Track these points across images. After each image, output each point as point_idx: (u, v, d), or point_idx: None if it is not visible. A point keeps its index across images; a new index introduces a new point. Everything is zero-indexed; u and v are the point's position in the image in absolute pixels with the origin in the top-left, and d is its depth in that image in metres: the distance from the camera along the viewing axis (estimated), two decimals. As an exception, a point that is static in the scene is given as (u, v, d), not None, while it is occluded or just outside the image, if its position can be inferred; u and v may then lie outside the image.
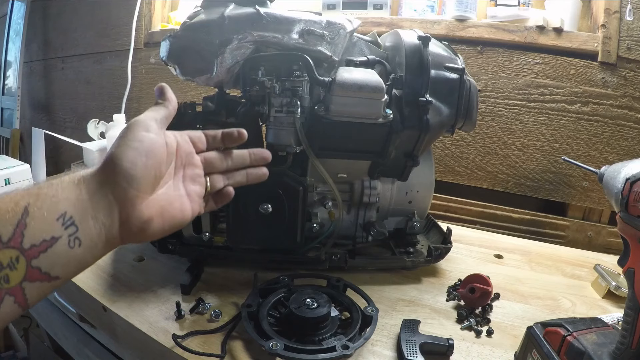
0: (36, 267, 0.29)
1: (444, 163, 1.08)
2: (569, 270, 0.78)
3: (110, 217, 0.35)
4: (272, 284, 0.62)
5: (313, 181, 0.68)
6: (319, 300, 0.55)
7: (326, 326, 0.54)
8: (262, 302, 0.58)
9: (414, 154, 0.67)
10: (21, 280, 0.29)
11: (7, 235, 0.28)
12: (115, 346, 0.69)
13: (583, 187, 0.98)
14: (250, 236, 0.66)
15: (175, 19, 1.41)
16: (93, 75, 1.67)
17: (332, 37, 0.63)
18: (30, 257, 0.29)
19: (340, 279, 0.63)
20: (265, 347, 0.49)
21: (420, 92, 0.63)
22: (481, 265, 0.78)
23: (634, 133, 0.93)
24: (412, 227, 0.73)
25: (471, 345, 0.56)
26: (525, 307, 0.65)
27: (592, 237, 0.98)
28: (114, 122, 1.16)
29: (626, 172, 0.41)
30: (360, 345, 0.51)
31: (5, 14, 1.89)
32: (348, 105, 0.60)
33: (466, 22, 1.02)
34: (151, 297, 0.63)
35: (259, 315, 0.55)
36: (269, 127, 0.63)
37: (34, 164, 1.05)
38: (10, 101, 1.88)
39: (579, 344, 0.44)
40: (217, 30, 0.60)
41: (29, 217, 0.29)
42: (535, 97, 0.99)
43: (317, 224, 0.68)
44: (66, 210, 0.31)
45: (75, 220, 0.32)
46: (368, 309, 0.55)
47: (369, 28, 0.98)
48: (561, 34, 0.95)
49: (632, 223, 0.40)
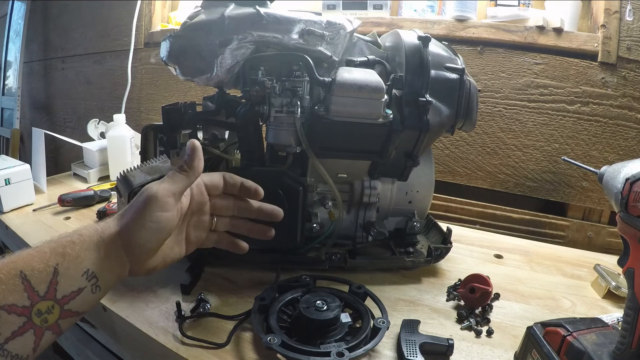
0: (68, 309, 0.38)
1: (444, 163, 1.08)
2: (569, 270, 0.78)
3: (123, 269, 0.43)
4: (292, 282, 0.63)
5: (313, 181, 0.68)
6: (330, 304, 0.55)
7: (333, 330, 0.54)
8: (277, 298, 0.59)
9: (414, 154, 0.67)
10: (57, 319, 0.38)
11: (43, 291, 0.36)
12: (115, 346, 0.69)
13: (583, 187, 0.98)
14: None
15: (175, 19, 1.41)
16: (93, 75, 1.67)
17: (332, 37, 0.63)
18: (62, 303, 0.38)
19: (361, 286, 0.62)
20: (263, 340, 0.49)
21: (420, 92, 0.63)
22: (481, 265, 0.78)
23: (634, 133, 0.93)
24: (412, 227, 0.73)
25: (471, 345, 0.56)
26: (525, 307, 0.65)
27: (592, 237, 0.98)
28: (114, 122, 1.16)
29: (626, 172, 0.41)
30: (358, 355, 0.50)
31: (5, 14, 1.89)
32: (348, 105, 0.60)
33: (466, 22, 1.02)
34: (151, 297, 0.63)
35: (269, 310, 0.56)
36: (269, 127, 0.63)
37: (34, 164, 1.05)
38: (10, 101, 1.88)
39: (579, 344, 0.44)
40: (217, 30, 0.60)
41: (60, 276, 0.37)
42: (535, 97, 0.99)
43: (317, 224, 0.68)
44: (89, 267, 0.40)
45: (96, 273, 0.40)
46: (379, 321, 0.54)
47: (369, 28, 0.99)
48: (561, 34, 0.95)
49: (632, 223, 0.40)
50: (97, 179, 1.17)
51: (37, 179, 1.03)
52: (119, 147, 1.12)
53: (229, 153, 0.74)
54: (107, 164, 1.16)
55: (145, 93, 1.49)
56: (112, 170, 1.14)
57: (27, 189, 0.94)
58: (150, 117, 1.49)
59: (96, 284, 0.40)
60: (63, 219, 0.91)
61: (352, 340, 0.52)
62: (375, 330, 0.53)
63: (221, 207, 0.51)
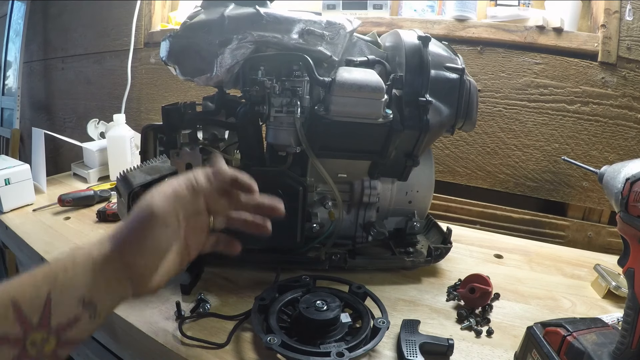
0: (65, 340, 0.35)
1: (444, 163, 1.08)
2: (569, 270, 0.78)
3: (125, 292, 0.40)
4: (292, 282, 0.63)
5: (313, 181, 0.68)
6: (330, 304, 0.55)
7: (333, 331, 0.54)
8: (277, 298, 0.59)
9: (414, 154, 0.67)
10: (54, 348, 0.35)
11: (36, 320, 0.34)
12: (115, 346, 0.69)
13: (583, 187, 0.98)
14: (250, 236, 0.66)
15: (175, 19, 1.41)
16: (93, 75, 1.67)
17: (332, 37, 0.63)
18: (58, 332, 0.35)
19: (361, 286, 0.62)
20: (263, 340, 0.49)
21: (420, 92, 0.63)
22: (481, 265, 0.78)
23: (634, 133, 0.93)
24: (412, 227, 0.73)
25: (471, 345, 0.56)
26: (525, 307, 0.65)
27: (592, 237, 0.98)
28: (114, 122, 1.16)
29: (626, 172, 0.41)
30: (358, 355, 0.50)
31: (5, 14, 1.89)
32: (348, 105, 0.60)
33: (466, 22, 1.02)
34: (151, 297, 0.62)
35: (269, 310, 0.56)
36: (269, 127, 0.63)
37: (34, 164, 1.05)
38: (10, 101, 1.87)
39: (579, 344, 0.44)
40: (217, 30, 0.60)
41: (53, 304, 0.34)
42: (535, 97, 0.99)
43: (317, 224, 0.68)
44: (84, 294, 0.36)
45: (94, 300, 0.37)
46: (379, 321, 0.54)
47: (369, 28, 0.98)
48: (561, 34, 0.95)
49: (632, 223, 0.40)
50: (97, 179, 1.17)
51: (37, 179, 1.03)
52: (119, 147, 1.12)
53: (229, 153, 0.74)
54: (107, 164, 1.16)
55: (145, 93, 1.49)
56: (112, 170, 1.14)
57: (27, 189, 0.94)
58: (150, 117, 1.49)
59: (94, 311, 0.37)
60: (63, 219, 0.91)
61: (352, 340, 0.52)
62: (375, 330, 0.53)
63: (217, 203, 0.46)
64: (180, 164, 0.66)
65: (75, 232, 0.84)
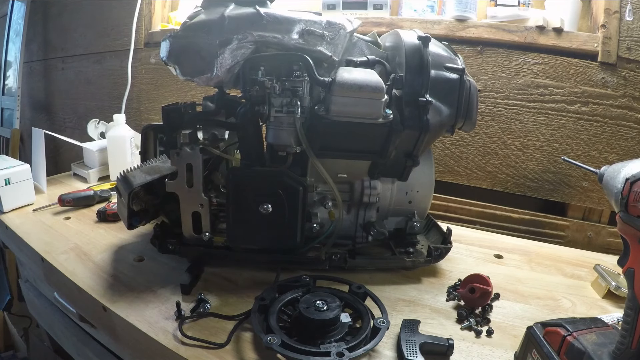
0: None
1: (444, 163, 1.08)
2: (569, 270, 0.78)
3: None
4: (292, 282, 0.63)
5: (313, 181, 0.68)
6: (330, 304, 0.55)
7: (333, 330, 0.54)
8: (277, 298, 0.59)
9: (414, 154, 0.67)
10: None
11: None
12: (115, 346, 0.69)
13: (583, 187, 0.98)
14: (250, 236, 0.66)
15: (175, 19, 1.41)
16: (93, 75, 1.67)
17: (332, 37, 0.63)
18: None
19: (362, 286, 0.62)
20: (263, 340, 0.49)
21: (420, 92, 0.63)
22: (481, 265, 0.78)
23: (634, 133, 0.93)
24: (412, 227, 0.73)
25: (471, 345, 0.56)
26: (525, 307, 0.65)
27: (592, 237, 0.98)
28: (114, 122, 1.16)
29: (626, 172, 0.41)
30: (358, 355, 0.50)
31: (5, 14, 1.89)
32: (348, 105, 0.60)
33: (466, 22, 1.02)
34: (151, 297, 0.63)
35: (269, 310, 0.56)
36: (269, 127, 0.63)
37: (34, 164, 1.05)
38: (10, 101, 1.88)
39: (579, 344, 0.44)
40: (217, 30, 0.60)
41: None
42: (535, 97, 0.99)
43: (317, 224, 0.68)
44: None
45: None
46: (379, 321, 0.54)
47: (369, 28, 0.99)
48: (561, 34, 0.95)
49: (632, 223, 0.40)
50: (97, 179, 1.17)
51: (37, 179, 1.03)
52: (119, 147, 1.12)
53: (229, 153, 0.74)
54: (107, 164, 1.16)
55: (145, 93, 1.49)
56: (112, 170, 1.14)
57: (27, 189, 0.94)
58: (150, 117, 1.49)
59: None
60: (63, 219, 0.91)
61: (352, 340, 0.52)
62: (375, 330, 0.53)
63: None
64: (181, 164, 0.66)
65: (75, 232, 0.84)
